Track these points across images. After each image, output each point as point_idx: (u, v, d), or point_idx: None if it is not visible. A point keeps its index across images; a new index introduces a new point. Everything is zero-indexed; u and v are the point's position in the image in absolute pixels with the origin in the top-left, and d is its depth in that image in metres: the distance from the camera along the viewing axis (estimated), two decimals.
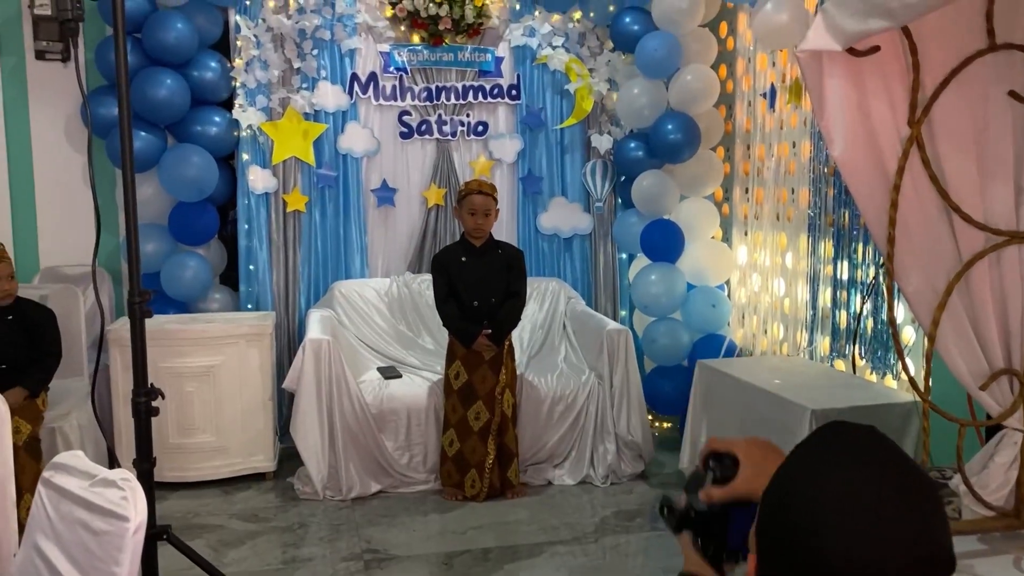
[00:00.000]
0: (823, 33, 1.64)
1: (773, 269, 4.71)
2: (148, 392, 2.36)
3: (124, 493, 1.68)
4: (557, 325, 4.96)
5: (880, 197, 1.78)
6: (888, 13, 1.49)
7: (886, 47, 1.70)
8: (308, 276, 4.95)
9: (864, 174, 1.78)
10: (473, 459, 4.10)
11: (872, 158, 1.78)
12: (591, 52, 5.10)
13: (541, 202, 5.18)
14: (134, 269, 2.36)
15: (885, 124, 1.76)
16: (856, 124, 1.74)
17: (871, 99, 1.74)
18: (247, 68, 4.69)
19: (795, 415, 3.45)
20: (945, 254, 1.85)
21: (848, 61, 1.69)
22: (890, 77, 1.75)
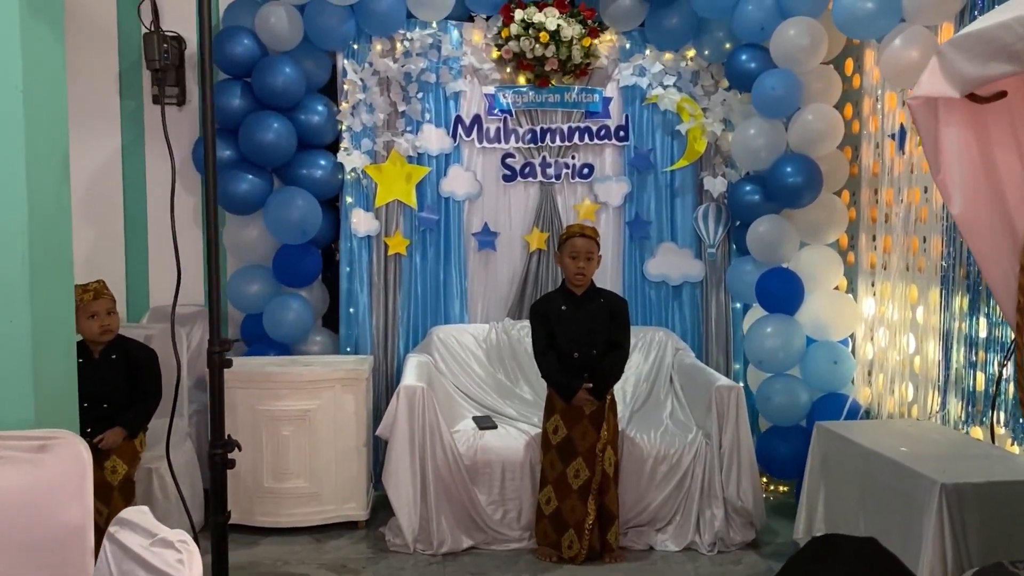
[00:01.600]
0: (939, 78, 1.50)
1: (902, 324, 4.42)
2: (225, 444, 2.38)
3: (180, 556, 1.68)
4: (663, 378, 4.80)
5: (1008, 261, 1.61)
6: (1013, 56, 1.35)
7: (1014, 91, 1.54)
8: (407, 320, 4.99)
9: (988, 234, 1.61)
10: (572, 519, 3.98)
11: (998, 216, 1.61)
12: (705, 91, 4.98)
13: (649, 247, 5.06)
14: (215, 319, 2.41)
15: (1014, 177, 1.59)
16: (979, 178, 1.58)
17: (996, 149, 1.58)
18: (353, 112, 4.80)
19: (923, 488, 3.19)
20: None
21: (968, 108, 1.54)
22: (1019, 125, 1.59)
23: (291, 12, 4.55)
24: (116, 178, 4.95)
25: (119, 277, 4.93)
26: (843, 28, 4.19)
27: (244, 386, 4.21)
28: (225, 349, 2.42)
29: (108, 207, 4.94)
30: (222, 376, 2.41)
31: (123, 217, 4.98)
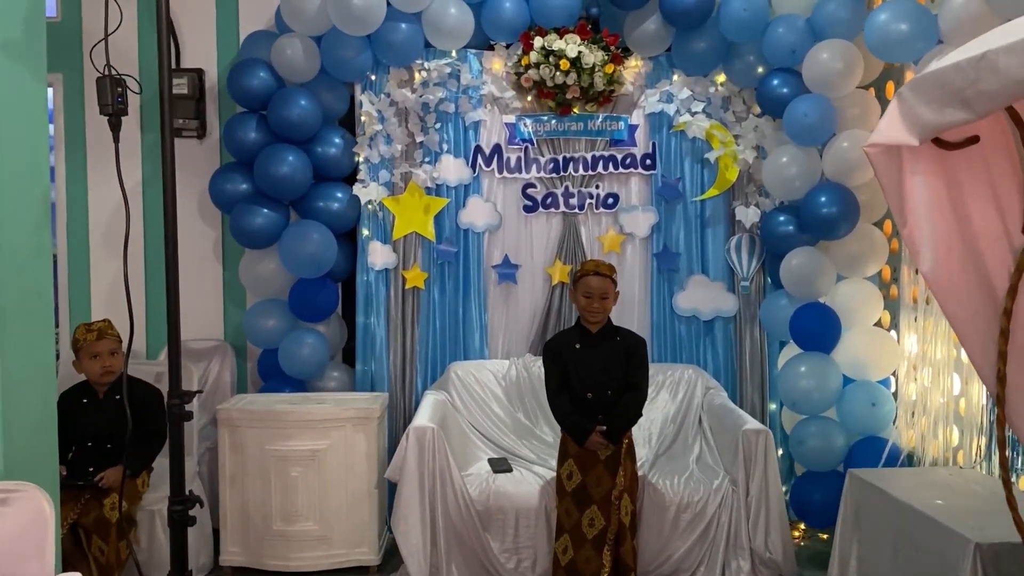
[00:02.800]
0: (898, 123, 1.38)
1: (946, 363, 4.19)
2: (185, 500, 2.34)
3: None
4: (692, 419, 4.64)
5: (985, 324, 1.47)
6: (964, 103, 1.23)
7: (988, 137, 1.41)
8: (425, 355, 4.94)
9: (963, 294, 1.47)
10: (587, 571, 3.85)
11: (974, 274, 1.47)
12: (736, 117, 4.85)
13: (678, 280, 4.93)
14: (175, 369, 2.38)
15: (991, 232, 1.46)
16: (951, 232, 1.45)
17: (970, 201, 1.45)
18: (370, 143, 4.80)
19: (956, 547, 2.99)
20: None
21: (936, 155, 1.41)
22: (996, 174, 1.45)
23: (307, 43, 4.58)
24: (137, 213, 5.02)
25: (139, 313, 4.96)
26: (876, 51, 4.03)
27: (253, 425, 4.21)
28: (186, 401, 2.39)
29: (129, 242, 5.00)
30: (182, 429, 2.38)
31: (144, 252, 5.05)
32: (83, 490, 3.67)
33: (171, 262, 2.42)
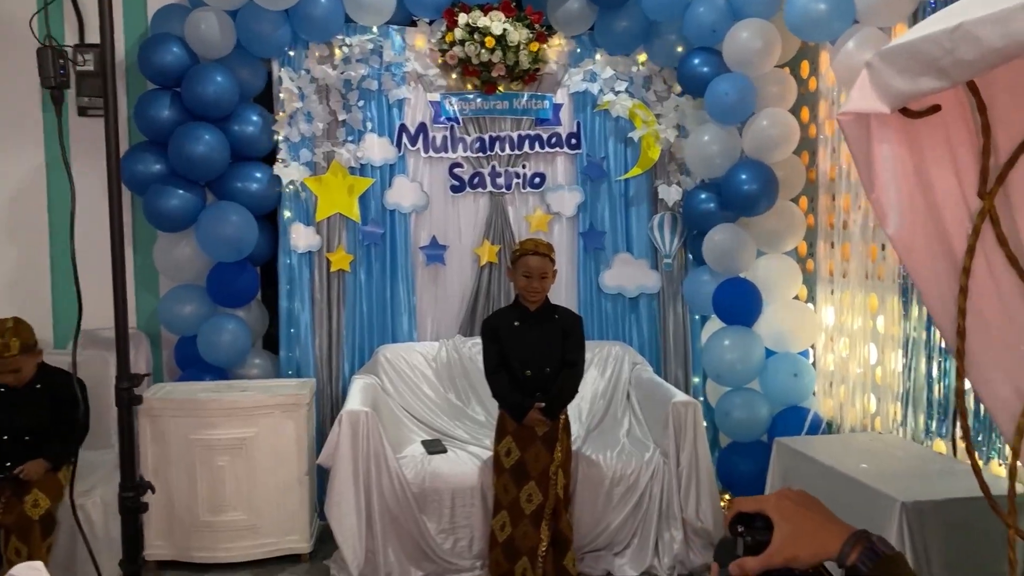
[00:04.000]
0: (869, 92, 1.47)
1: (863, 334, 4.43)
2: (137, 487, 2.30)
3: None
4: (620, 394, 4.77)
5: (947, 282, 1.59)
6: (942, 72, 1.32)
7: (949, 106, 1.52)
8: (353, 340, 4.91)
9: (926, 255, 1.59)
10: (525, 546, 3.91)
11: (935, 236, 1.59)
12: (657, 97, 4.98)
13: (604, 259, 5.03)
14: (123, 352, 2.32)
15: (950, 196, 1.57)
16: (915, 197, 1.56)
17: (932, 167, 1.56)
18: (290, 121, 4.73)
19: (883, 507, 3.18)
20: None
21: (902, 124, 1.52)
22: (955, 141, 1.57)
23: (222, 18, 4.47)
24: (41, 196, 4.82)
25: (45, 299, 4.80)
26: (795, 30, 4.19)
27: (176, 414, 4.11)
28: (135, 385, 2.33)
29: (32, 226, 4.81)
30: (131, 414, 2.32)
31: (48, 236, 4.85)
32: (2, 485, 3.52)
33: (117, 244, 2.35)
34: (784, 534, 1.07)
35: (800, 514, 1.09)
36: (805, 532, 1.07)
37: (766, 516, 1.09)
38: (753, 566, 1.06)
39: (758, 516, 1.10)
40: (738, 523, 1.12)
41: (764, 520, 1.10)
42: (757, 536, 1.09)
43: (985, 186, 1.56)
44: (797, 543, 1.07)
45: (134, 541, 2.32)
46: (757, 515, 1.11)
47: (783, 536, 1.07)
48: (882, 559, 1.03)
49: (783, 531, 1.07)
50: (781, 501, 1.11)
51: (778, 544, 1.07)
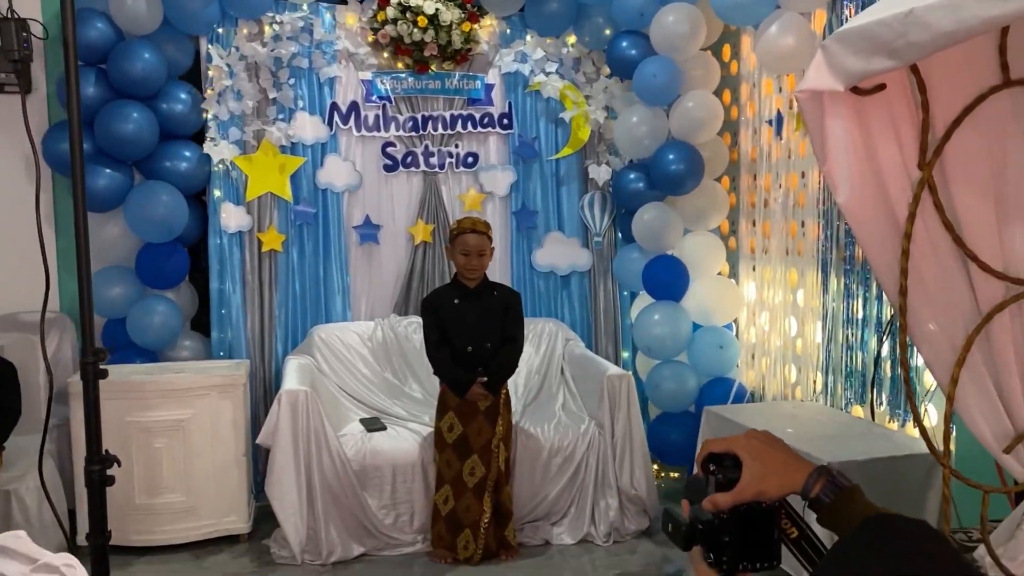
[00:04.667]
0: (824, 72, 1.62)
1: (784, 307, 4.68)
2: (103, 460, 2.31)
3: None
4: (554, 370, 4.91)
5: (891, 246, 1.76)
6: (892, 53, 1.48)
7: (893, 85, 1.68)
8: (285, 320, 4.92)
9: (873, 222, 1.75)
10: (467, 518, 4.03)
11: (881, 204, 1.75)
12: (587, 78, 5.12)
13: (536, 237, 5.16)
14: (87, 325, 2.33)
15: (894, 167, 1.74)
16: (863, 168, 1.72)
17: (878, 141, 1.72)
18: (219, 99, 4.69)
19: None
20: (963, 306, 1.83)
21: (852, 101, 1.67)
22: (898, 117, 1.73)
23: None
24: None
25: None
26: (721, 14, 4.38)
27: (110, 396, 4.01)
28: (100, 359, 2.35)
29: None
30: (97, 388, 2.34)
31: None
32: None
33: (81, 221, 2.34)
34: (753, 471, 1.16)
35: (767, 452, 1.19)
36: (772, 469, 1.16)
37: (735, 455, 1.18)
38: (725, 501, 1.14)
39: (727, 455, 1.19)
40: (710, 463, 1.20)
41: (733, 459, 1.18)
42: (728, 474, 1.17)
43: (924, 158, 1.73)
44: (765, 479, 1.15)
45: (101, 514, 2.34)
46: (726, 455, 1.19)
47: (752, 473, 1.16)
48: (843, 491, 1.15)
49: (752, 469, 1.16)
50: (750, 441, 1.20)
51: (747, 480, 1.15)
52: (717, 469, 1.19)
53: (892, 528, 0.90)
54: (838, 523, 1.14)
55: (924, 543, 0.88)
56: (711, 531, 1.15)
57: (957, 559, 0.86)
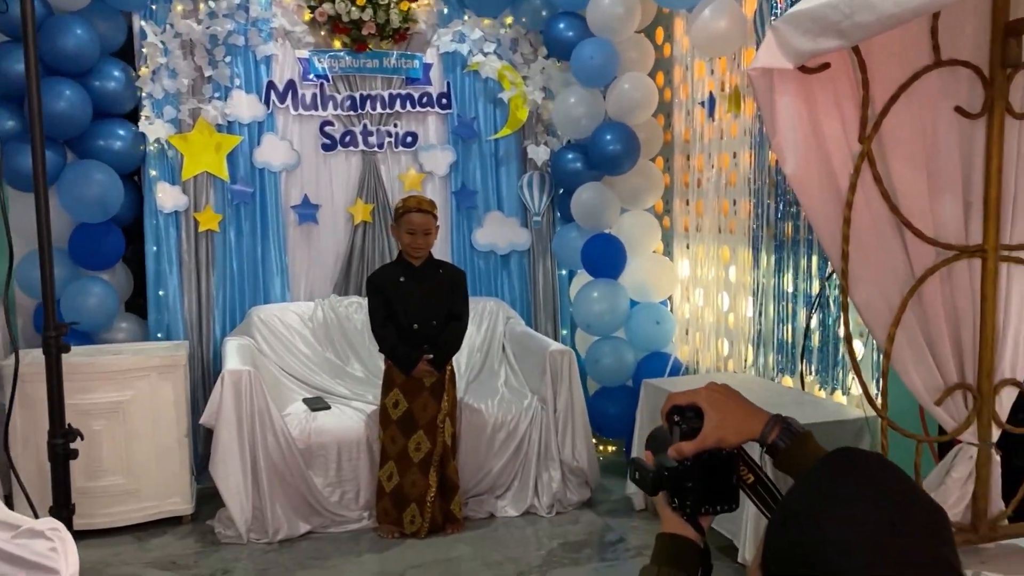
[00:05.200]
0: (774, 51, 1.75)
1: (717, 283, 4.87)
2: (67, 434, 2.33)
3: (53, 544, 1.68)
4: (496, 347, 5.02)
5: (833, 213, 1.91)
6: (839, 33, 1.61)
7: (836, 64, 1.83)
8: (223, 301, 4.92)
9: (817, 191, 1.90)
10: (413, 493, 4.12)
11: (825, 175, 1.90)
12: (524, 59, 5.21)
13: (476, 217, 5.25)
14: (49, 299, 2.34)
15: (837, 141, 1.89)
16: (808, 141, 1.86)
17: (822, 116, 1.86)
18: (153, 77, 4.65)
19: None
20: (898, 269, 1.99)
21: (799, 78, 1.81)
22: (840, 94, 1.88)
23: None
24: None
25: None
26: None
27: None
28: (62, 333, 2.36)
29: None
30: (60, 363, 2.35)
31: None
32: None
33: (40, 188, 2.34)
34: (714, 421, 1.24)
35: (727, 403, 1.28)
36: (731, 418, 1.25)
37: (697, 406, 1.26)
38: (689, 449, 1.23)
39: (690, 407, 1.27)
40: (674, 414, 1.29)
41: (695, 410, 1.26)
42: (691, 424, 1.25)
43: (864, 132, 1.88)
44: (725, 427, 1.24)
45: (64, 487, 2.36)
46: (689, 406, 1.27)
47: (713, 422, 1.24)
48: (797, 436, 1.26)
49: (713, 418, 1.24)
50: (711, 393, 1.28)
51: (709, 429, 1.23)
52: (681, 419, 1.27)
53: (854, 457, 1.00)
54: (793, 466, 1.23)
55: (884, 470, 0.98)
56: (676, 477, 1.25)
57: (912, 483, 0.98)
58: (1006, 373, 2.05)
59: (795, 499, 0.97)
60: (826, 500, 0.93)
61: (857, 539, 0.88)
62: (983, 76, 1.95)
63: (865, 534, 0.88)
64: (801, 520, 0.93)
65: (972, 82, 1.96)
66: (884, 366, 2.01)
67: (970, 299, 2.02)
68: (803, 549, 0.91)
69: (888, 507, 0.90)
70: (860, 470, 0.95)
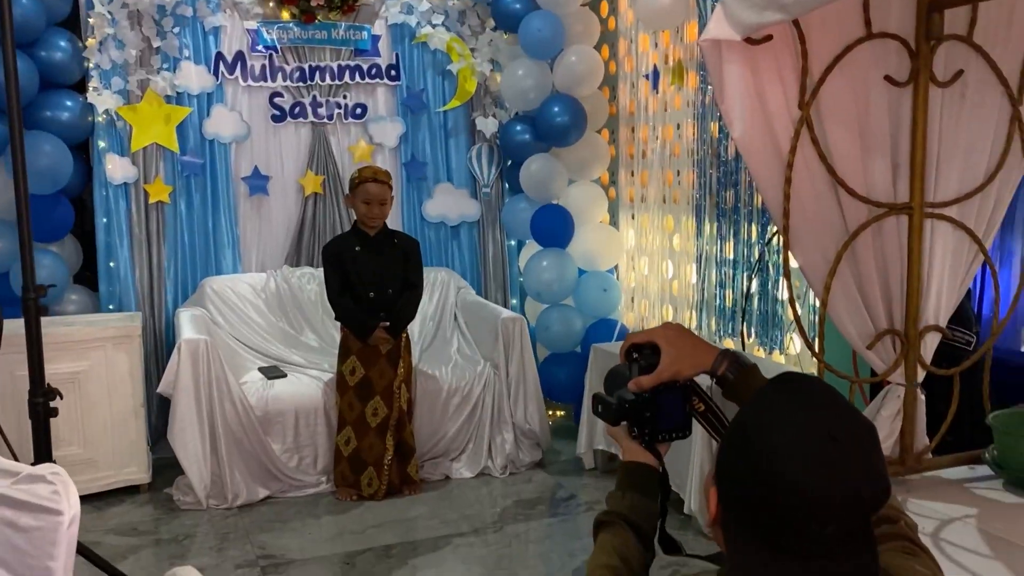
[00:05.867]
0: (723, 23, 1.93)
1: (661, 251, 5.09)
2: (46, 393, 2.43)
3: (55, 487, 1.79)
4: (448, 316, 5.18)
5: (776, 175, 2.10)
6: (782, 7, 1.79)
7: (778, 36, 2.01)
8: (175, 273, 4.97)
9: (761, 154, 2.09)
10: (371, 457, 4.26)
11: (768, 139, 2.09)
12: (472, 31, 5.34)
13: (426, 188, 5.38)
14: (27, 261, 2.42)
15: (779, 107, 2.08)
16: (753, 108, 2.05)
17: (766, 84, 2.05)
18: (100, 48, 4.67)
19: None
20: (834, 225, 2.20)
21: (745, 49, 1.99)
22: (782, 64, 2.06)
23: None
24: None
25: None
26: None
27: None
28: (40, 295, 2.44)
29: None
30: (39, 323, 2.44)
31: None
32: None
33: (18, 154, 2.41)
34: (670, 356, 1.36)
35: (681, 340, 1.39)
36: (686, 353, 1.37)
37: (654, 344, 1.37)
38: (648, 382, 1.36)
39: (647, 345, 1.38)
40: (632, 351, 1.42)
41: (652, 347, 1.38)
42: (648, 359, 1.37)
43: (803, 99, 2.07)
44: (680, 361, 1.36)
45: (46, 445, 2.46)
46: (647, 344, 1.39)
47: (669, 357, 1.35)
48: (744, 368, 1.38)
49: (668, 354, 1.36)
50: (666, 331, 1.39)
51: (665, 363, 1.35)
52: (640, 356, 1.40)
53: (797, 378, 1.16)
54: (741, 396, 1.36)
55: (823, 390, 1.14)
56: (635, 409, 1.39)
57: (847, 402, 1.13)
58: (930, 320, 2.29)
59: (745, 416, 1.10)
60: (772, 415, 1.06)
61: (799, 447, 1.01)
62: (909, 48, 2.16)
63: (806, 443, 1.02)
64: (750, 432, 1.06)
65: (900, 53, 2.17)
66: (821, 314, 2.22)
67: (898, 252, 2.24)
68: (751, 457, 1.04)
69: (827, 420, 1.04)
70: (802, 390, 1.09)
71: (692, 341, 1.41)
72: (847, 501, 1.01)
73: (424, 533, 3.97)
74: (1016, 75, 2.24)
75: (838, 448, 1.01)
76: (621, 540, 1.36)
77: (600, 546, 1.37)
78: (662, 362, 1.36)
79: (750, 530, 1.06)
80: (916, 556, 1.24)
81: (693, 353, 1.38)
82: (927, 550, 1.26)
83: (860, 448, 1.03)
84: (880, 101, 2.16)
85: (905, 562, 1.21)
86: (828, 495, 1.00)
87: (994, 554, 1.92)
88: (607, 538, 1.37)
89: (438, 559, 3.73)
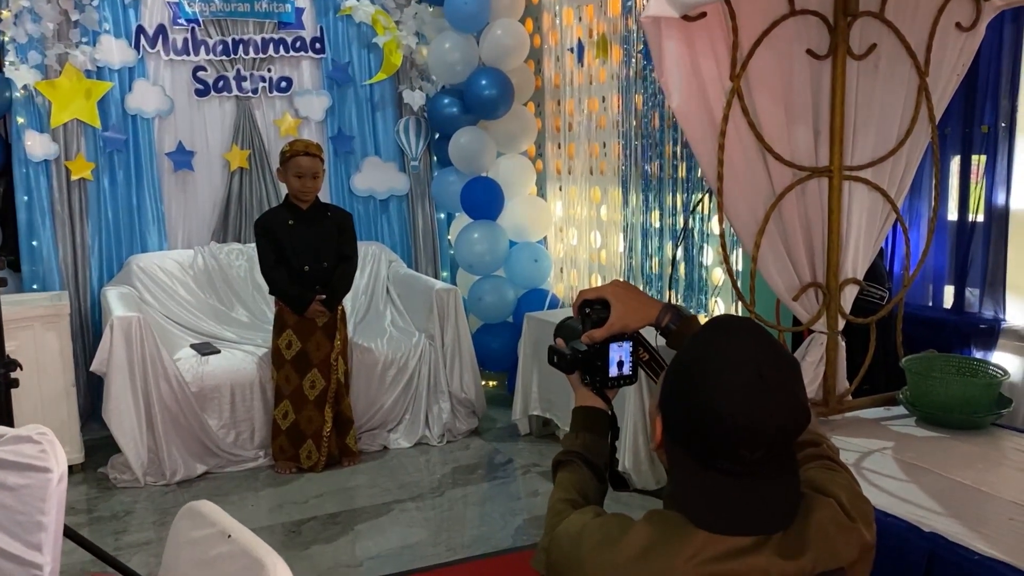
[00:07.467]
0: (662, 2, 2.15)
1: (589, 222, 5.33)
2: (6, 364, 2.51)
3: (41, 446, 1.91)
4: (381, 290, 5.34)
5: (710, 142, 2.35)
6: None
7: (712, 14, 2.25)
8: (99, 251, 5.01)
9: (697, 122, 2.33)
10: (309, 429, 4.40)
11: (703, 108, 2.33)
12: (397, 4, 5.47)
13: (354, 162, 5.51)
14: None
15: (712, 79, 2.32)
16: (690, 79, 2.28)
17: (700, 58, 2.29)
18: (16, 21, 4.65)
19: None
20: (763, 188, 2.46)
21: (682, 26, 2.22)
22: (715, 39, 2.30)
23: None
24: None
25: None
26: None
27: None
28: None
29: None
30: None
31: None
32: None
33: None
34: (619, 310, 1.51)
35: (628, 295, 1.54)
36: (633, 307, 1.54)
37: (604, 299, 1.52)
38: (599, 334, 1.51)
39: (598, 300, 1.53)
40: (585, 307, 1.57)
41: (603, 302, 1.52)
42: (599, 314, 1.52)
43: (734, 71, 2.32)
44: (628, 315, 1.51)
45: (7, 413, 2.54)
46: (597, 300, 1.53)
47: (618, 312, 1.51)
48: (685, 319, 1.57)
49: (617, 308, 1.51)
50: (615, 288, 1.54)
51: (615, 317, 1.50)
52: (591, 311, 1.56)
53: (730, 320, 1.34)
54: (682, 343, 1.50)
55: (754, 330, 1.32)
56: (588, 358, 1.55)
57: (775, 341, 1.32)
58: (848, 273, 2.58)
59: (684, 354, 1.26)
60: (708, 352, 1.22)
61: (732, 382, 1.17)
62: (828, 24, 2.43)
63: (738, 378, 1.17)
64: (689, 368, 1.23)
65: (820, 28, 2.43)
66: (752, 268, 2.48)
67: (820, 212, 2.52)
68: (689, 391, 1.20)
69: (756, 358, 1.19)
70: (735, 330, 1.25)
71: (638, 297, 1.57)
72: (773, 430, 1.17)
73: (366, 501, 4.14)
74: (923, 48, 2.53)
75: (765, 383, 1.16)
76: (578, 476, 1.53)
77: (559, 483, 1.54)
78: (612, 316, 1.51)
79: (689, 453, 1.23)
80: (836, 471, 1.42)
81: (640, 307, 1.54)
82: (846, 467, 1.46)
83: (787, 384, 1.19)
84: (803, 73, 2.42)
85: (826, 475, 1.39)
86: (756, 426, 1.15)
87: (909, 478, 2.22)
88: (565, 475, 1.54)
89: (383, 524, 3.91)
